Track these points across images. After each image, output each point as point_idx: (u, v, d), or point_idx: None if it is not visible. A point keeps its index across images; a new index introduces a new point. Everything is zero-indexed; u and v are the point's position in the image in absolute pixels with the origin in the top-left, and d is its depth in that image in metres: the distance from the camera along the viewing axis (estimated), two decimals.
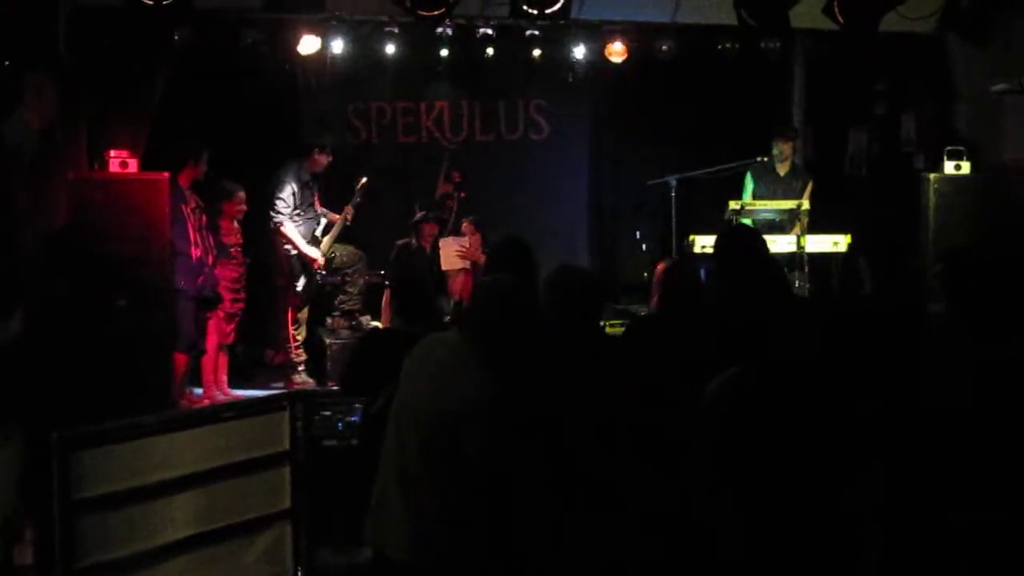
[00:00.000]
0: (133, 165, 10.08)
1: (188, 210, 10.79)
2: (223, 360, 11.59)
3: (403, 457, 5.45)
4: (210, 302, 11.07)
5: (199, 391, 11.22)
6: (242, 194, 11.40)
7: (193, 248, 10.78)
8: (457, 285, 12.51)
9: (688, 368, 6.20)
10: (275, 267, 11.87)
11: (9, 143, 7.90)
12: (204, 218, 11.03)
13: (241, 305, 11.64)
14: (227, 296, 11.32)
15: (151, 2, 8.11)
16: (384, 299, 12.20)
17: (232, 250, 11.48)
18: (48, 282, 9.12)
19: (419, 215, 12.75)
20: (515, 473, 5.50)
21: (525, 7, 8.62)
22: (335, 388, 9.51)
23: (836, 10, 9.00)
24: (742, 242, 6.95)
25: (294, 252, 11.64)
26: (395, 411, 5.57)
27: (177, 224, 10.67)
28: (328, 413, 8.84)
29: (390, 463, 5.53)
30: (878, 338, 6.27)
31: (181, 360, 10.80)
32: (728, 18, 9.45)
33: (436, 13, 8.57)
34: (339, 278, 12.29)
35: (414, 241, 12.70)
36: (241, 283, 11.64)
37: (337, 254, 12.23)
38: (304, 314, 12.02)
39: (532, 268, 6.48)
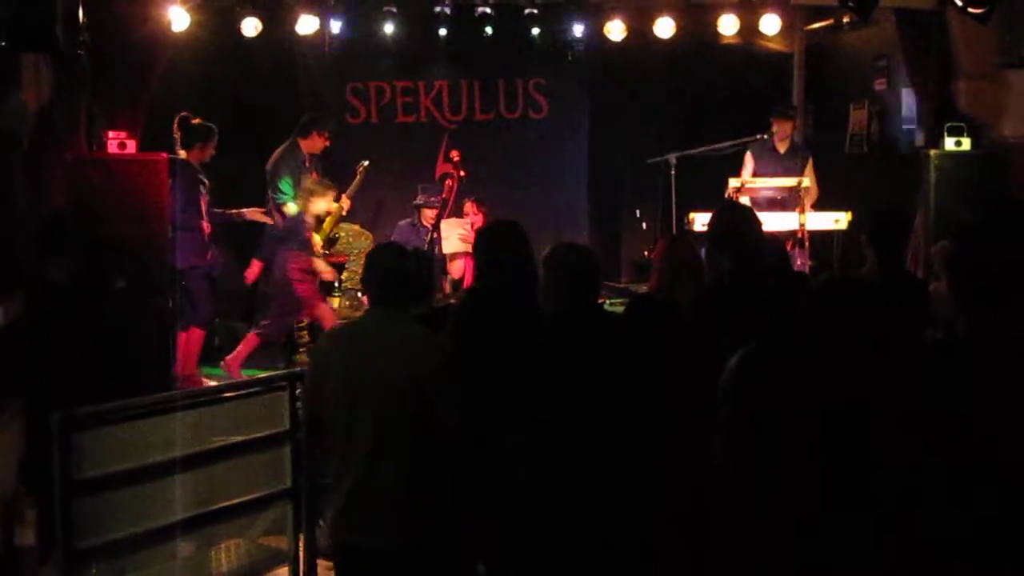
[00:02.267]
0: (131, 146, 10.04)
1: (200, 188, 10.83)
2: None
3: (363, 441, 5.57)
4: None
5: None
6: None
7: (205, 224, 10.83)
8: (457, 268, 12.54)
9: (690, 344, 6.24)
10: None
11: (5, 125, 7.85)
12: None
13: None
14: None
15: None
16: None
17: None
18: (46, 264, 9.10)
19: (420, 198, 12.75)
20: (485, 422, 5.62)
21: None
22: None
23: None
24: (736, 219, 6.94)
25: None
26: (340, 407, 5.62)
27: (191, 202, 10.71)
28: None
29: (350, 455, 5.61)
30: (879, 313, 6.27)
31: (197, 335, 10.82)
32: None
33: None
34: (343, 257, 12.27)
35: (416, 220, 12.71)
36: None
37: (342, 234, 12.22)
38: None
39: (527, 250, 6.51)
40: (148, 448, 7.11)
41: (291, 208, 11.45)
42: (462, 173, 12.62)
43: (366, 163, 12.09)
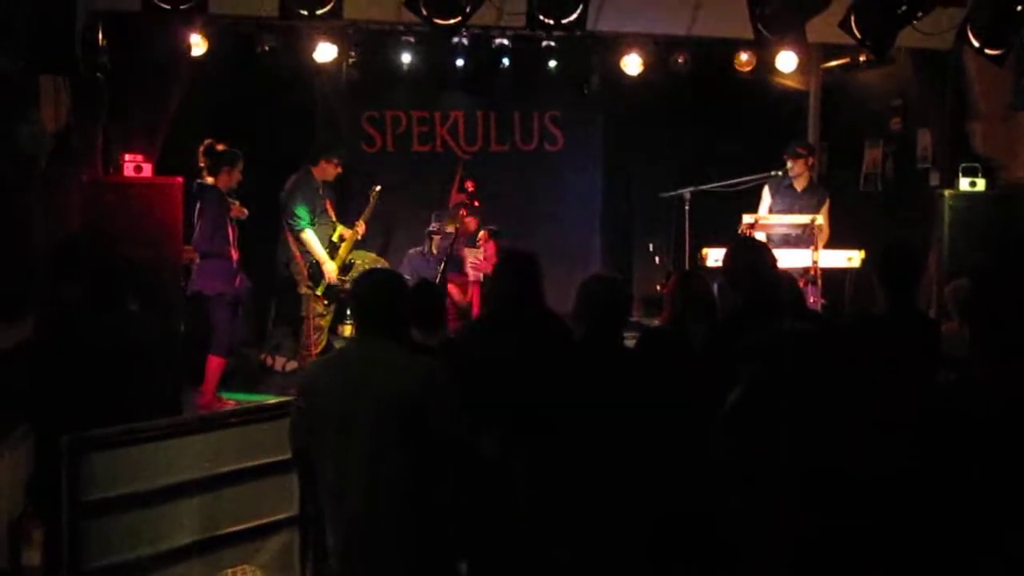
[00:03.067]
0: (148, 169, 10.08)
1: (228, 215, 10.86)
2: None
3: (358, 471, 5.49)
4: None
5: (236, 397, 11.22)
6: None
7: (232, 250, 10.86)
8: (464, 294, 12.54)
9: (699, 378, 6.23)
10: (296, 275, 11.84)
11: (24, 146, 7.90)
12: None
13: None
14: None
15: (168, 5, 8.08)
16: None
17: None
18: (60, 285, 9.13)
19: (433, 225, 12.77)
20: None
21: (541, 17, 8.59)
22: None
23: (853, 25, 8.96)
24: (751, 256, 6.94)
25: (313, 260, 11.60)
26: (329, 437, 5.57)
27: (218, 230, 10.75)
28: None
29: (345, 486, 5.56)
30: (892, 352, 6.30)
31: (216, 363, 10.83)
32: (745, 31, 9.41)
33: (452, 22, 8.54)
34: None
35: (428, 249, 12.72)
36: None
37: (356, 261, 12.23)
38: (326, 321, 11.95)
39: (537, 277, 6.55)
40: (156, 471, 7.11)
41: (307, 235, 11.48)
42: (476, 203, 12.62)
43: (378, 188, 12.10)
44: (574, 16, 8.63)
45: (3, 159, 7.36)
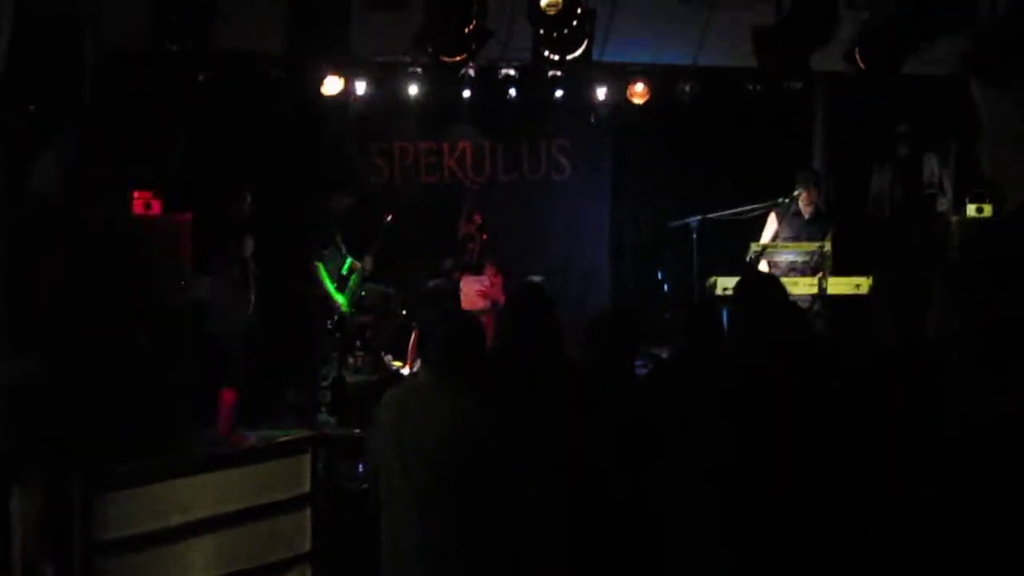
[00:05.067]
0: (156, 207, 10.11)
1: (242, 248, 10.90)
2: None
3: (422, 513, 5.52)
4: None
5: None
6: None
7: (242, 284, 10.88)
8: None
9: (707, 411, 6.26)
10: (309, 307, 11.87)
11: (35, 187, 7.94)
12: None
13: None
14: None
15: (175, 48, 8.14)
16: (411, 341, 12.24)
17: None
18: (70, 323, 9.15)
19: (449, 262, 12.79)
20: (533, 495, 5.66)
21: (547, 53, 8.65)
22: (357, 431, 9.56)
23: (857, 56, 9.01)
24: (761, 288, 6.95)
25: (322, 292, 11.63)
26: (394, 470, 5.61)
27: (228, 264, 10.78)
28: (351, 453, 8.87)
29: (404, 528, 5.59)
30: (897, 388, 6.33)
31: (229, 397, 10.83)
32: (750, 61, 9.47)
33: (458, 59, 8.61)
34: (369, 317, 12.29)
35: (446, 285, 12.75)
36: None
37: (367, 294, 12.26)
38: (336, 353, 11.92)
39: (551, 312, 6.59)
40: (170, 510, 7.14)
41: (318, 268, 11.52)
42: (484, 236, 12.64)
43: (388, 218, 12.13)
44: (579, 51, 8.68)
45: (15, 199, 7.38)
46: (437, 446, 5.52)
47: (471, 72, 12.25)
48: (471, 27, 8.40)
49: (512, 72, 11.97)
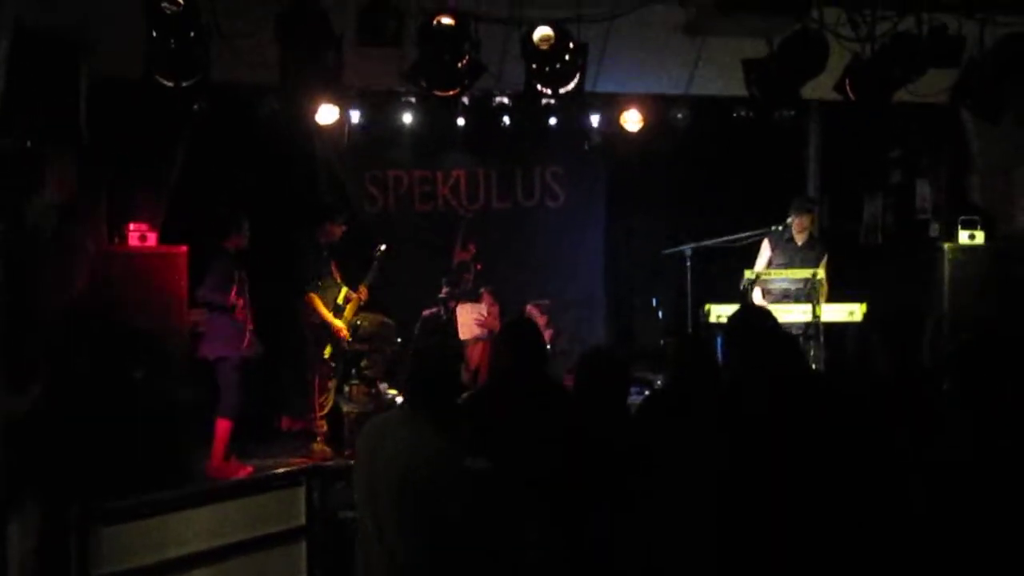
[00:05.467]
0: (152, 239, 10.18)
1: (239, 275, 10.89)
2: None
3: (385, 543, 5.58)
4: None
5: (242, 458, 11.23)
6: None
7: (239, 311, 10.88)
8: (475, 354, 12.56)
9: (700, 441, 6.30)
10: (303, 337, 11.86)
11: (30, 223, 7.98)
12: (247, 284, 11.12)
13: None
14: None
15: (171, 84, 8.18)
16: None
17: None
18: (68, 354, 9.19)
19: (445, 291, 12.81)
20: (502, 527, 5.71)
21: (539, 86, 8.69)
22: (352, 461, 9.56)
23: (848, 88, 9.07)
24: (756, 322, 6.98)
25: (319, 321, 11.63)
26: (364, 499, 5.67)
27: (224, 284, 10.77)
28: (345, 484, 8.87)
29: (375, 557, 5.64)
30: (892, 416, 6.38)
31: (224, 427, 10.84)
32: (742, 90, 9.51)
33: (451, 93, 8.66)
34: (366, 346, 12.30)
35: (442, 312, 12.77)
36: None
37: (364, 323, 12.27)
38: (332, 382, 11.94)
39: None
40: (165, 543, 7.18)
41: (312, 298, 11.52)
42: (478, 266, 12.67)
43: (383, 247, 12.12)
44: (571, 85, 8.72)
45: (11, 233, 7.42)
46: (401, 478, 5.57)
47: (465, 100, 12.28)
48: (464, 62, 8.44)
49: (505, 100, 11.97)
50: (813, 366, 10.75)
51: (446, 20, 8.17)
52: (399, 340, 12.86)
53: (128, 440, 9.10)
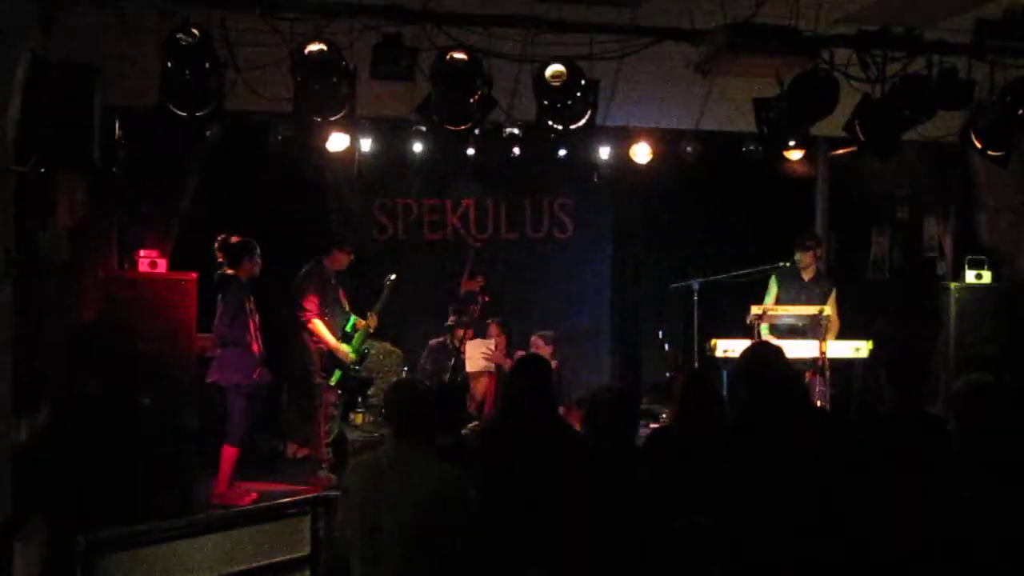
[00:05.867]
0: (162, 265, 10.21)
1: (249, 305, 10.93)
2: None
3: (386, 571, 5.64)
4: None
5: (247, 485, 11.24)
6: None
7: (253, 342, 10.91)
8: (480, 387, 12.58)
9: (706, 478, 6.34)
10: (310, 364, 11.87)
11: (43, 253, 8.01)
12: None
13: None
14: None
15: (184, 113, 8.23)
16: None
17: None
18: (75, 379, 9.22)
19: (452, 319, 12.83)
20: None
21: (551, 123, 8.73)
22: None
23: (857, 128, 9.10)
24: (765, 359, 7.00)
25: (326, 349, 11.64)
26: (363, 536, 5.74)
27: (237, 319, 10.82)
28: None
29: None
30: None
31: (230, 453, 10.85)
32: (751, 126, 9.54)
33: (463, 128, 8.70)
34: (372, 374, 12.33)
35: (449, 342, 12.80)
36: None
37: (372, 351, 12.30)
38: (338, 410, 11.93)
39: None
40: (170, 572, 7.20)
41: (315, 324, 11.53)
42: (485, 298, 12.68)
43: (393, 276, 12.13)
44: (583, 121, 8.77)
45: (21, 260, 7.45)
46: (415, 509, 5.63)
47: (475, 130, 12.29)
48: (476, 97, 8.49)
49: (516, 131, 12.00)
50: (818, 403, 10.79)
51: (459, 56, 8.21)
52: (405, 369, 12.91)
53: (134, 466, 9.13)
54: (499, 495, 6.15)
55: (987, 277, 11.56)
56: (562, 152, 13.14)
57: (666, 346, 14.17)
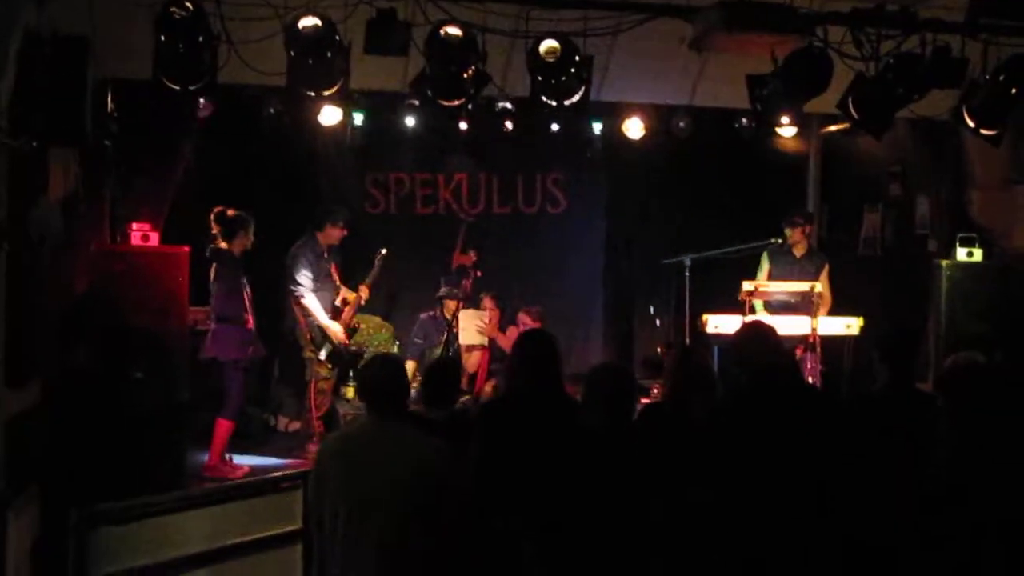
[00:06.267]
0: (154, 238, 10.20)
1: (243, 280, 10.94)
2: None
3: (368, 547, 5.68)
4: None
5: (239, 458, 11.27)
6: None
7: (247, 316, 10.93)
8: (473, 361, 12.60)
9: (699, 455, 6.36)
10: (301, 339, 11.90)
11: (32, 232, 7.99)
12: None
13: None
14: None
15: (177, 87, 8.23)
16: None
17: None
18: (67, 352, 9.22)
19: (443, 290, 12.83)
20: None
21: (544, 98, 8.73)
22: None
23: (850, 107, 9.10)
24: (759, 339, 7.02)
25: (316, 322, 11.65)
26: (341, 514, 5.77)
27: (233, 293, 10.84)
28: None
29: (355, 561, 5.73)
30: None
31: (225, 427, 10.88)
32: (745, 103, 9.54)
33: (456, 103, 8.70)
34: (363, 348, 12.35)
35: (439, 314, 12.81)
36: None
37: (363, 325, 12.32)
38: (329, 384, 12.00)
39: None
40: (163, 545, 7.21)
41: (308, 300, 11.53)
42: (478, 273, 12.68)
43: (384, 251, 12.13)
44: (576, 97, 8.77)
45: (14, 233, 7.44)
46: (393, 488, 5.63)
47: (468, 105, 12.28)
48: (470, 72, 8.49)
49: (508, 106, 11.99)
50: (810, 379, 10.81)
51: (453, 31, 8.20)
52: (397, 343, 12.92)
53: (126, 439, 9.14)
54: (499, 469, 6.17)
55: (978, 255, 11.56)
56: (555, 127, 13.12)
57: (657, 321, 14.20)
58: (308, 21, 8.06)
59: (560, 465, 5.95)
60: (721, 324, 11.42)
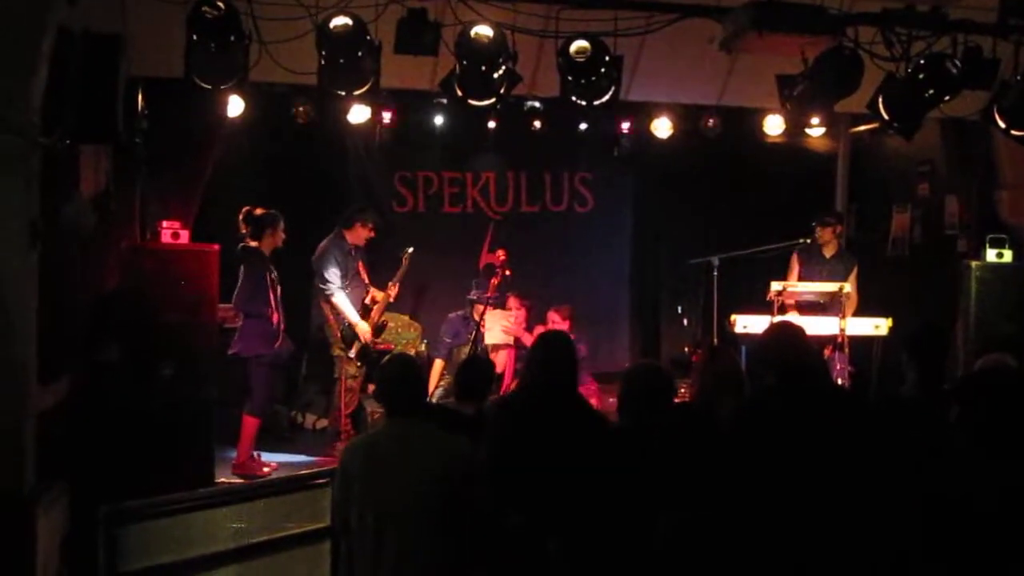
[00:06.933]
0: (184, 236, 10.22)
1: (270, 277, 10.98)
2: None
3: (391, 547, 5.75)
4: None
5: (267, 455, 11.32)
6: None
7: (273, 314, 10.97)
8: (500, 360, 12.60)
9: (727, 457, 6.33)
10: (330, 336, 11.93)
11: (65, 226, 8.03)
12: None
13: None
14: None
15: (208, 86, 8.27)
16: (433, 370, 12.37)
17: None
18: (97, 349, 9.26)
19: (474, 294, 12.83)
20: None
21: (574, 98, 8.74)
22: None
23: (880, 107, 9.07)
24: (788, 340, 6.99)
25: (346, 322, 11.67)
26: (366, 515, 5.83)
27: (260, 290, 10.88)
28: None
29: (379, 561, 5.78)
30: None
31: (251, 423, 10.92)
32: (774, 103, 9.54)
33: (486, 103, 8.71)
34: (391, 346, 12.37)
35: (469, 314, 12.81)
36: None
37: (391, 324, 12.35)
38: (357, 382, 11.98)
39: (573, 362, 6.70)
40: (190, 542, 7.24)
41: (338, 298, 11.55)
42: (507, 272, 12.68)
43: (410, 250, 12.13)
44: (606, 97, 8.76)
45: (46, 231, 7.47)
46: (415, 491, 5.70)
47: (497, 104, 12.29)
48: (500, 72, 8.50)
49: (537, 105, 12.00)
50: (839, 380, 10.79)
51: (483, 31, 8.21)
52: (425, 342, 12.94)
53: (155, 435, 9.17)
54: (512, 467, 6.17)
55: (1008, 256, 11.49)
56: (583, 126, 13.15)
57: (685, 321, 14.19)
58: (339, 21, 8.07)
59: (565, 465, 5.95)
60: (750, 324, 11.40)
